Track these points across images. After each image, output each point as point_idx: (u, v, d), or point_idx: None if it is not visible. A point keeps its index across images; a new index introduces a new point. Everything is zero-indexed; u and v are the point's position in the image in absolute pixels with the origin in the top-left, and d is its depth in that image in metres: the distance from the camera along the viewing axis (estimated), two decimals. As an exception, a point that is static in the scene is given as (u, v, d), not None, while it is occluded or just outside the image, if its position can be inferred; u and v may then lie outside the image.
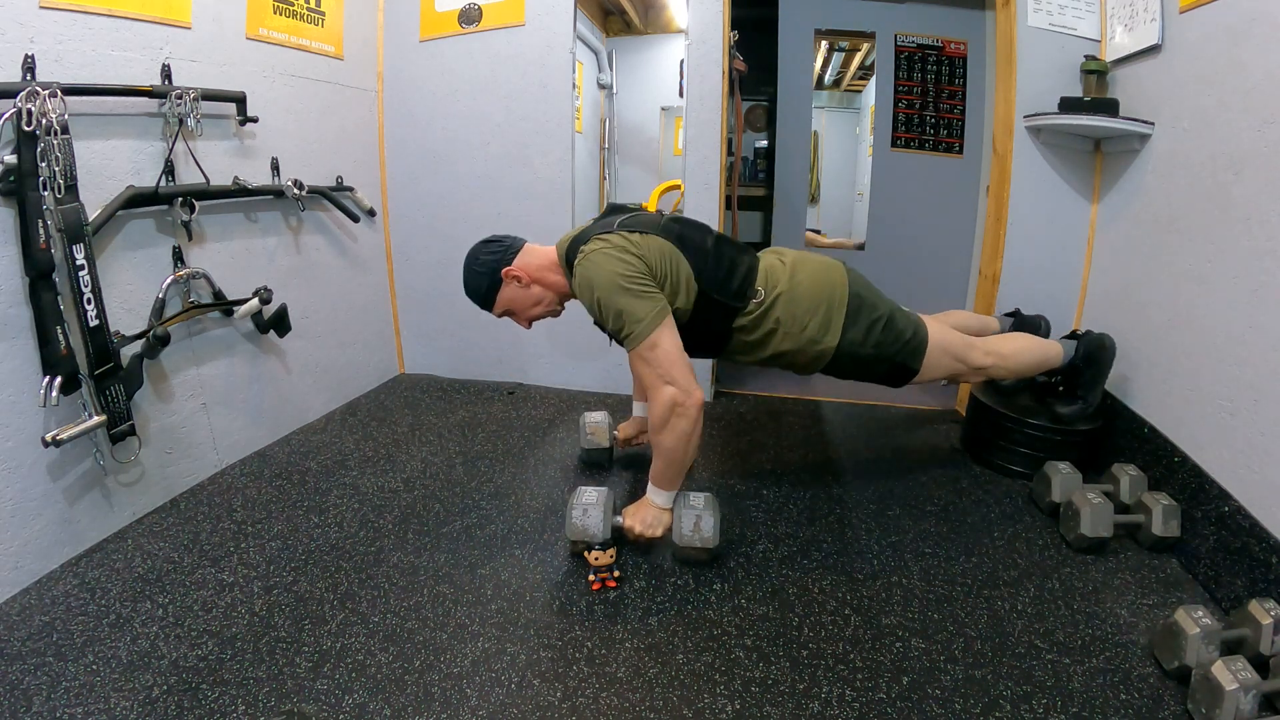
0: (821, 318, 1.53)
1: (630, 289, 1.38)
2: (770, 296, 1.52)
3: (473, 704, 1.13)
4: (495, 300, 1.58)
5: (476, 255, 1.58)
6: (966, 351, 1.69)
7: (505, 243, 1.59)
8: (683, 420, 1.39)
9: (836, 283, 1.57)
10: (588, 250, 1.43)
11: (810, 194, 3.87)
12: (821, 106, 3.85)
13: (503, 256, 1.55)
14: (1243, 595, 1.30)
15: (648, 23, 3.08)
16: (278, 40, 2.05)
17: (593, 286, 1.40)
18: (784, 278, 1.54)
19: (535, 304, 1.59)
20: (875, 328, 1.56)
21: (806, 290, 1.54)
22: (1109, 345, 1.81)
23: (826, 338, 1.54)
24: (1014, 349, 1.79)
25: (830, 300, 1.54)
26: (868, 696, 1.15)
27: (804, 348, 1.55)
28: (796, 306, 1.53)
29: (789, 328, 1.53)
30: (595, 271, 1.39)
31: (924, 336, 1.62)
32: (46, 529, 1.46)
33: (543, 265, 1.57)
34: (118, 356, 1.52)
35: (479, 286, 1.58)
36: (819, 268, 1.59)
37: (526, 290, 1.57)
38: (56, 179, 1.34)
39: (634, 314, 1.37)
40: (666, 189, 3.01)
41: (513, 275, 1.55)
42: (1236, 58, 1.47)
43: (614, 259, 1.40)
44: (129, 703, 1.11)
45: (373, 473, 1.96)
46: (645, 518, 1.50)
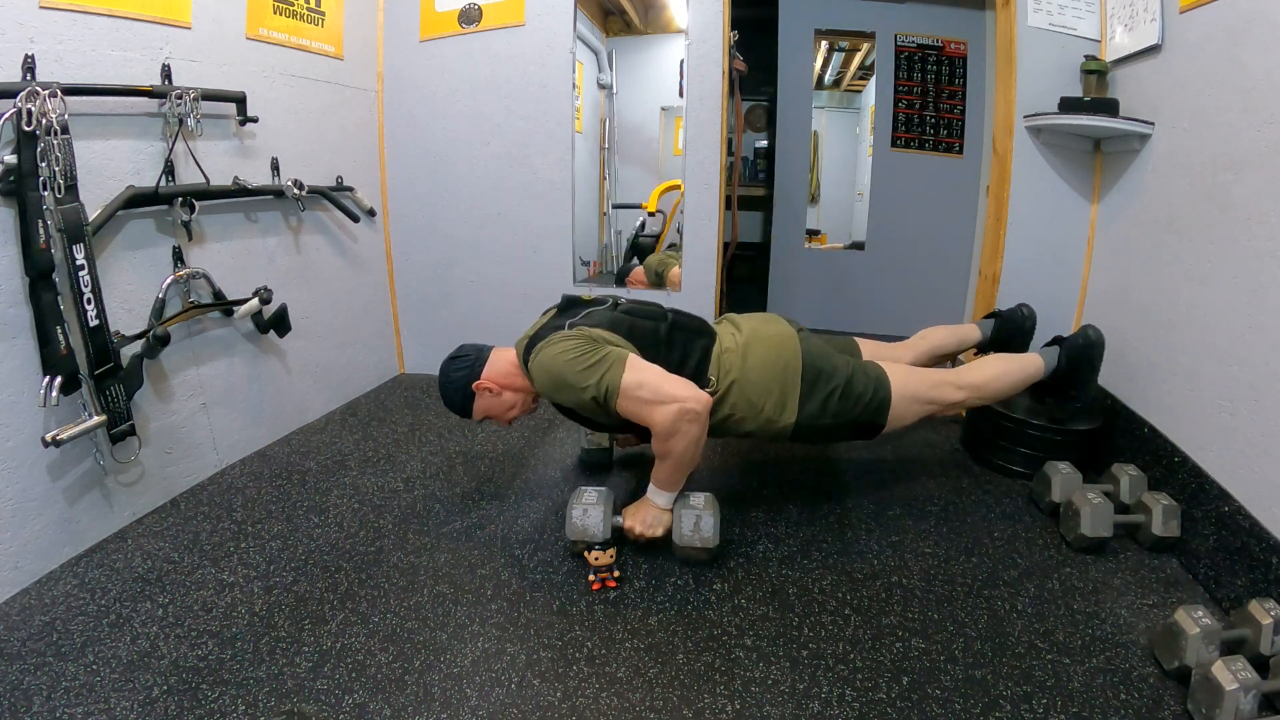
0: (776, 398, 1.54)
1: (582, 356, 1.41)
2: (723, 385, 1.53)
3: (473, 704, 1.13)
4: (472, 410, 1.64)
5: (448, 374, 1.63)
6: (936, 392, 1.66)
7: (471, 356, 1.63)
8: (694, 426, 1.39)
9: (790, 360, 1.56)
10: (537, 350, 1.47)
11: (810, 194, 3.87)
12: (821, 106, 3.85)
13: (471, 371, 1.60)
14: (1243, 595, 1.30)
15: (648, 23, 3.08)
16: (278, 40, 2.05)
17: (553, 379, 1.44)
18: (737, 363, 1.54)
19: (510, 408, 1.63)
20: (832, 397, 1.55)
21: (759, 374, 1.54)
22: (1095, 339, 1.77)
23: (784, 416, 1.54)
24: (988, 376, 1.72)
25: (784, 380, 1.54)
26: (868, 696, 1.15)
27: (763, 427, 1.56)
28: (751, 391, 1.53)
29: (745, 412, 1.54)
30: (549, 365, 1.44)
31: (885, 393, 1.59)
32: (46, 529, 1.46)
33: (509, 372, 1.61)
34: (118, 356, 1.52)
35: (455, 401, 1.64)
36: (771, 346, 1.58)
37: (499, 398, 1.61)
38: (56, 179, 1.34)
39: (597, 374, 1.39)
40: (666, 189, 3.01)
41: (484, 388, 1.60)
42: (1236, 58, 1.47)
43: (559, 348, 1.43)
44: (129, 703, 1.11)
45: (373, 473, 1.96)
46: (645, 518, 1.51)
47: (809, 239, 3.76)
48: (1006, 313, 2.03)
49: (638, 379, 1.39)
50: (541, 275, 2.60)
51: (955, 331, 2.02)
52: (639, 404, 1.39)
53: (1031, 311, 1.99)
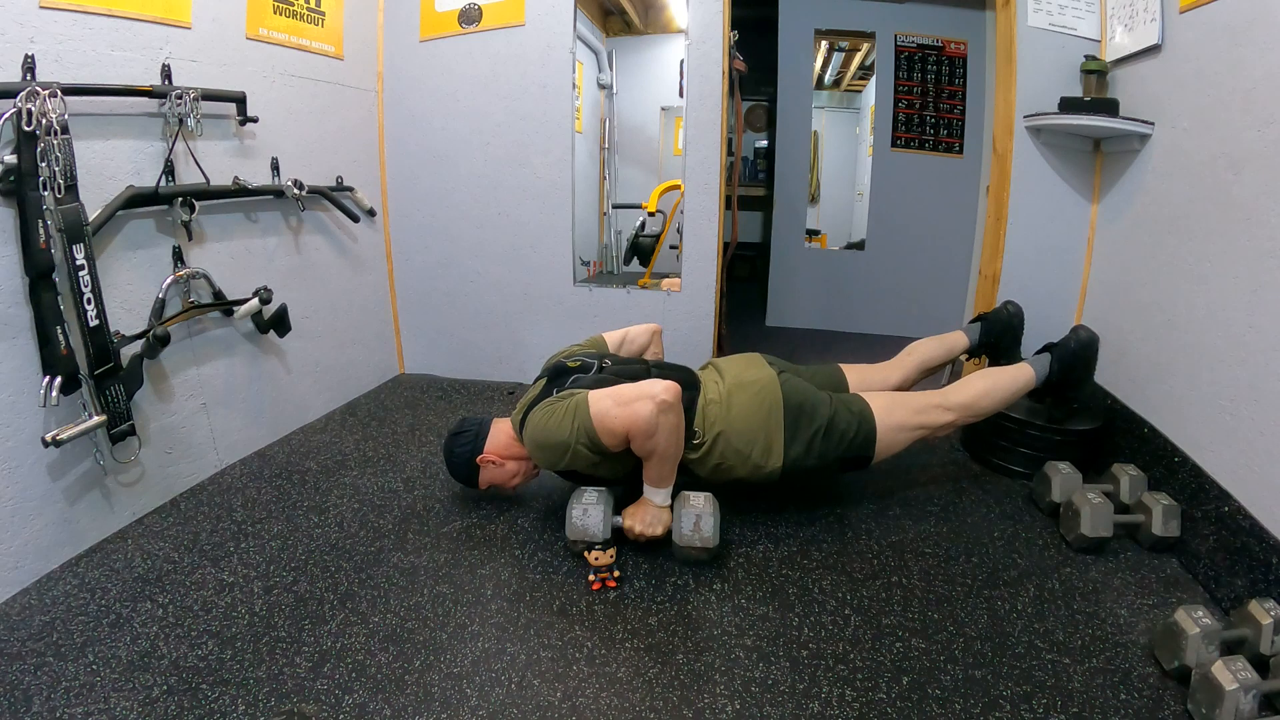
0: (762, 445, 1.56)
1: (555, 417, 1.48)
2: (709, 438, 1.56)
3: (473, 704, 1.13)
4: (479, 482, 1.70)
5: (452, 450, 1.70)
6: (923, 417, 1.66)
7: (473, 431, 1.69)
8: (670, 414, 1.41)
9: (772, 406, 1.58)
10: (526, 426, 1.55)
11: (810, 194, 3.87)
12: (821, 106, 3.85)
13: (474, 446, 1.67)
14: (1243, 595, 1.30)
15: (648, 23, 3.08)
16: (278, 40, 2.05)
17: (543, 447, 1.51)
18: (721, 415, 1.57)
19: (513, 476, 1.69)
20: (816, 438, 1.57)
21: (744, 423, 1.57)
22: (1086, 340, 1.75)
23: (770, 461, 1.57)
24: (977, 393, 1.72)
25: (767, 426, 1.57)
26: (868, 696, 1.15)
27: (752, 473, 1.59)
28: (737, 440, 1.56)
29: (733, 460, 1.58)
30: (536, 440, 1.52)
31: (870, 427, 1.60)
32: (46, 529, 1.46)
33: (508, 444, 1.67)
34: (118, 356, 1.52)
35: (461, 474, 1.72)
36: (753, 394, 1.60)
37: (502, 469, 1.68)
38: (56, 179, 1.34)
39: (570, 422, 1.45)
40: (666, 189, 3.01)
41: (487, 461, 1.66)
42: (1236, 58, 1.47)
43: (536, 420, 1.52)
44: (129, 703, 1.11)
45: (373, 473, 1.96)
46: (645, 517, 1.51)
47: (809, 239, 3.77)
48: (992, 313, 2.01)
49: (601, 404, 1.44)
50: (541, 275, 2.60)
51: (943, 341, 2.00)
52: (614, 420, 1.42)
53: (1018, 308, 1.97)
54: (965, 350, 2.02)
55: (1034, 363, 1.79)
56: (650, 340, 1.97)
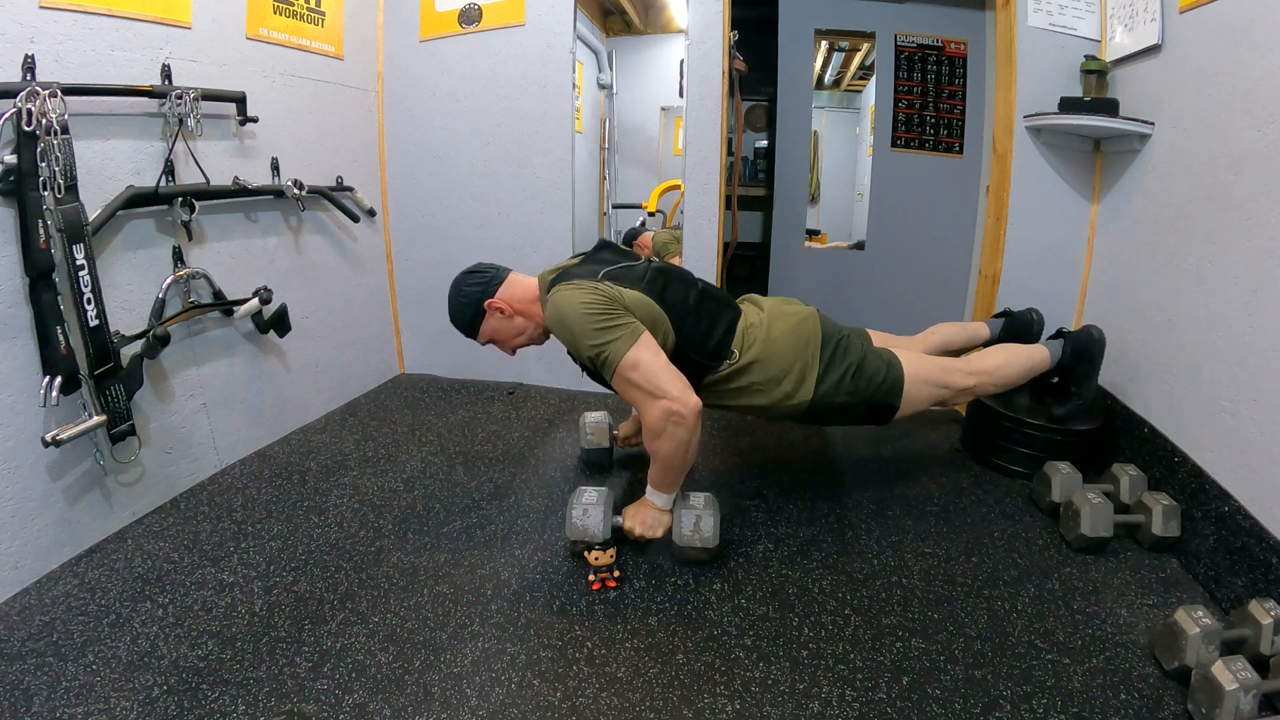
0: (795, 375, 1.54)
1: (598, 315, 1.37)
2: (744, 360, 1.53)
3: (473, 704, 1.13)
4: (479, 330, 1.60)
5: (460, 287, 1.59)
6: (947, 377, 1.67)
7: (489, 274, 1.59)
8: (680, 429, 1.37)
9: (810, 338, 1.57)
10: (563, 288, 1.43)
11: (810, 194, 3.87)
12: (821, 106, 3.85)
13: (486, 288, 1.57)
14: (1243, 595, 1.30)
15: (648, 23, 3.08)
16: (278, 40, 2.05)
17: (562, 320, 1.41)
18: (760, 337, 1.55)
19: (518, 334, 1.60)
20: (847, 376, 1.56)
21: (781, 350, 1.54)
22: (1097, 338, 1.80)
23: (799, 393, 1.55)
24: (998, 363, 1.76)
25: (804, 356, 1.55)
26: (868, 696, 1.15)
27: (777, 403, 1.56)
28: (771, 368, 1.53)
29: (762, 386, 1.54)
30: (564, 306, 1.40)
31: (898, 374, 1.60)
32: (46, 529, 1.46)
33: (525, 297, 1.58)
34: (118, 356, 1.52)
35: (463, 316, 1.60)
36: (794, 324, 1.58)
37: (510, 321, 1.58)
38: (56, 179, 1.34)
39: (605, 339, 1.36)
40: (666, 189, 3.02)
41: (496, 307, 1.56)
42: (1236, 58, 1.47)
43: (582, 294, 1.40)
44: (129, 703, 1.11)
45: (373, 473, 1.96)
46: (645, 519, 1.50)
47: (809, 239, 3.76)
48: (1018, 314, 2.04)
49: (636, 358, 1.35)
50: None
51: (965, 328, 2.05)
52: (630, 386, 1.37)
53: (1041, 317, 2.01)
54: (984, 342, 2.04)
55: (1048, 345, 1.84)
56: None
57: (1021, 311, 2.04)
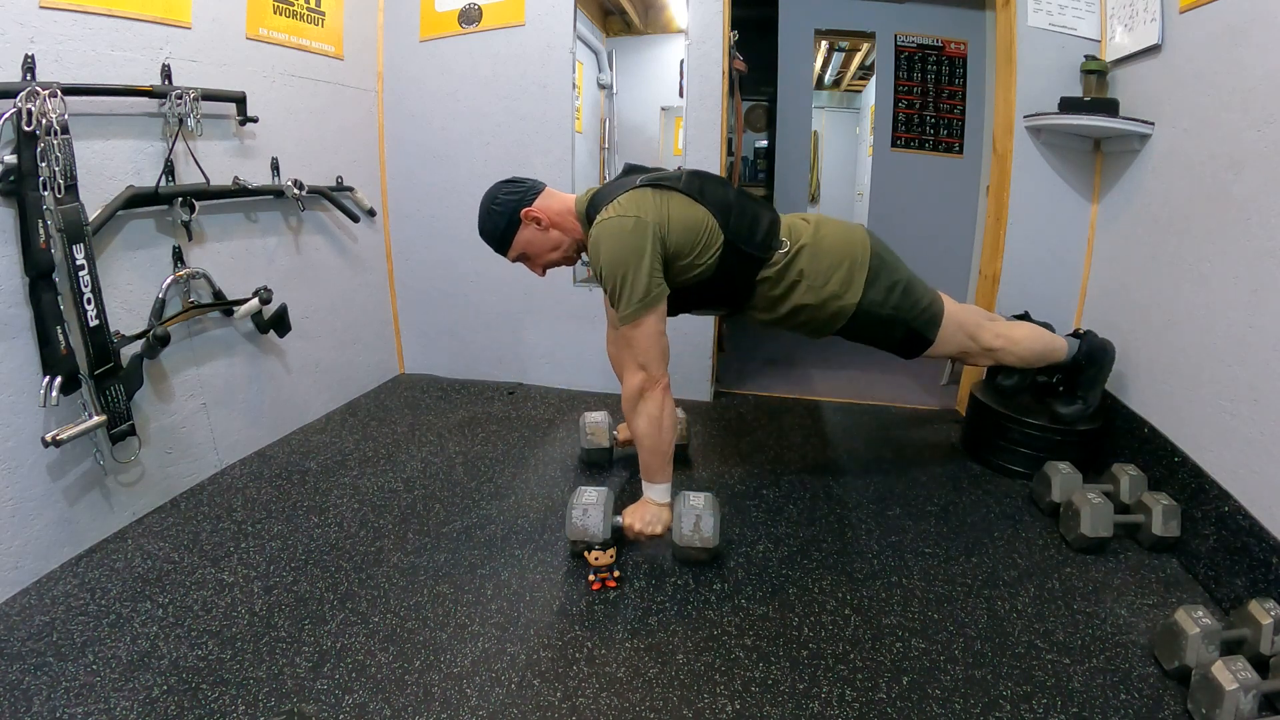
0: (844, 273, 1.54)
1: (638, 265, 1.37)
2: (795, 248, 1.52)
3: (473, 704, 1.13)
4: (512, 242, 1.52)
5: (495, 195, 1.51)
6: (979, 330, 1.72)
7: (526, 184, 1.53)
8: (649, 403, 1.44)
9: (858, 242, 1.58)
10: (610, 213, 1.39)
11: (810, 194, 3.87)
12: (821, 106, 3.86)
13: (524, 197, 1.50)
14: (1243, 595, 1.30)
15: (648, 23, 3.08)
16: (278, 40, 2.05)
17: (602, 252, 1.39)
18: (808, 232, 1.55)
19: (553, 249, 1.54)
20: (895, 290, 1.57)
21: (830, 245, 1.55)
22: (1110, 349, 1.84)
23: (848, 294, 1.54)
24: (1023, 335, 1.81)
25: (853, 258, 1.55)
26: (868, 696, 1.15)
27: (825, 302, 1.54)
28: (820, 260, 1.53)
29: (812, 280, 1.53)
30: (610, 240, 1.38)
31: (940, 308, 1.65)
32: (46, 529, 1.46)
33: (563, 211, 1.53)
34: (118, 356, 1.52)
35: (496, 227, 1.51)
36: (841, 228, 1.61)
37: (545, 234, 1.52)
38: (56, 179, 1.34)
39: (634, 291, 1.37)
40: (666, 189, 3.00)
41: (533, 216, 1.49)
42: (1236, 58, 1.47)
43: (632, 234, 1.37)
44: (129, 703, 1.11)
45: (373, 473, 1.96)
46: (645, 516, 1.50)
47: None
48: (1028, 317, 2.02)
49: (644, 322, 1.39)
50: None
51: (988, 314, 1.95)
52: (626, 343, 1.43)
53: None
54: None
55: (1068, 340, 1.87)
56: None
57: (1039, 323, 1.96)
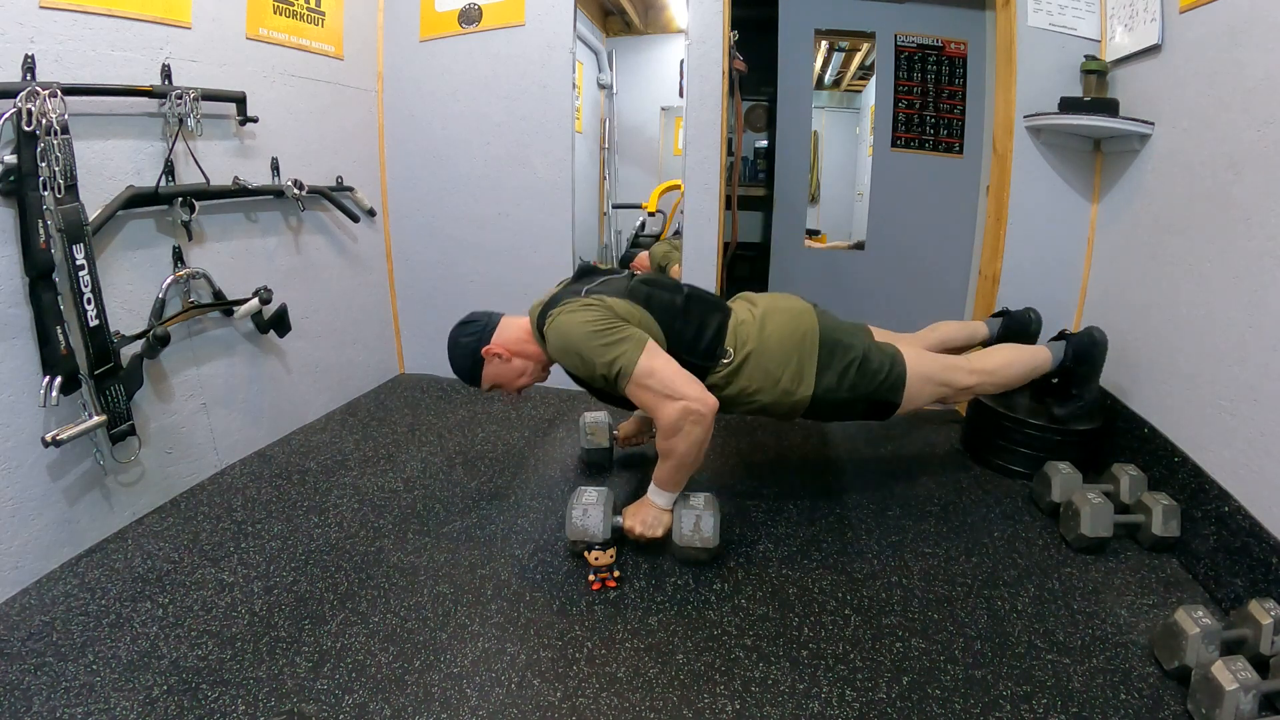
0: (794, 369, 1.54)
1: (602, 330, 1.39)
2: (740, 356, 1.53)
3: (473, 704, 1.13)
4: (481, 378, 1.62)
5: (456, 339, 1.61)
6: (949, 375, 1.67)
7: (481, 322, 1.61)
8: (697, 427, 1.38)
9: (807, 331, 1.57)
10: (554, 315, 1.45)
11: (810, 194, 3.87)
12: (821, 106, 3.85)
13: (480, 336, 1.58)
14: (1243, 595, 1.30)
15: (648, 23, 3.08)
16: (278, 40, 2.05)
17: (568, 344, 1.42)
18: (754, 334, 1.55)
19: (519, 375, 1.61)
20: (849, 371, 1.56)
21: (777, 344, 1.54)
22: (1099, 340, 1.80)
23: (801, 388, 1.54)
24: (1000, 363, 1.76)
25: (801, 351, 1.55)
26: (868, 696, 1.15)
27: (779, 400, 1.56)
28: (769, 362, 1.53)
29: (761, 383, 1.54)
30: (567, 331, 1.42)
31: (901, 370, 1.60)
32: (46, 529, 1.46)
33: (520, 338, 1.60)
34: (118, 356, 1.52)
35: (463, 368, 1.62)
36: (788, 318, 1.59)
37: (508, 365, 1.59)
38: (56, 179, 1.34)
39: (615, 353, 1.38)
40: (666, 189, 3.02)
41: (493, 353, 1.57)
42: (1236, 58, 1.47)
43: (580, 312, 1.42)
44: (129, 703, 1.11)
45: (373, 473, 1.96)
46: (645, 518, 1.50)
47: (809, 239, 3.76)
48: (1016, 313, 2.04)
49: (650, 366, 1.37)
50: (541, 275, 2.59)
51: (965, 327, 2.06)
52: (646, 392, 1.38)
53: (1039, 316, 2.01)
54: (983, 341, 2.04)
55: (1050, 347, 1.84)
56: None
57: (1019, 311, 2.04)
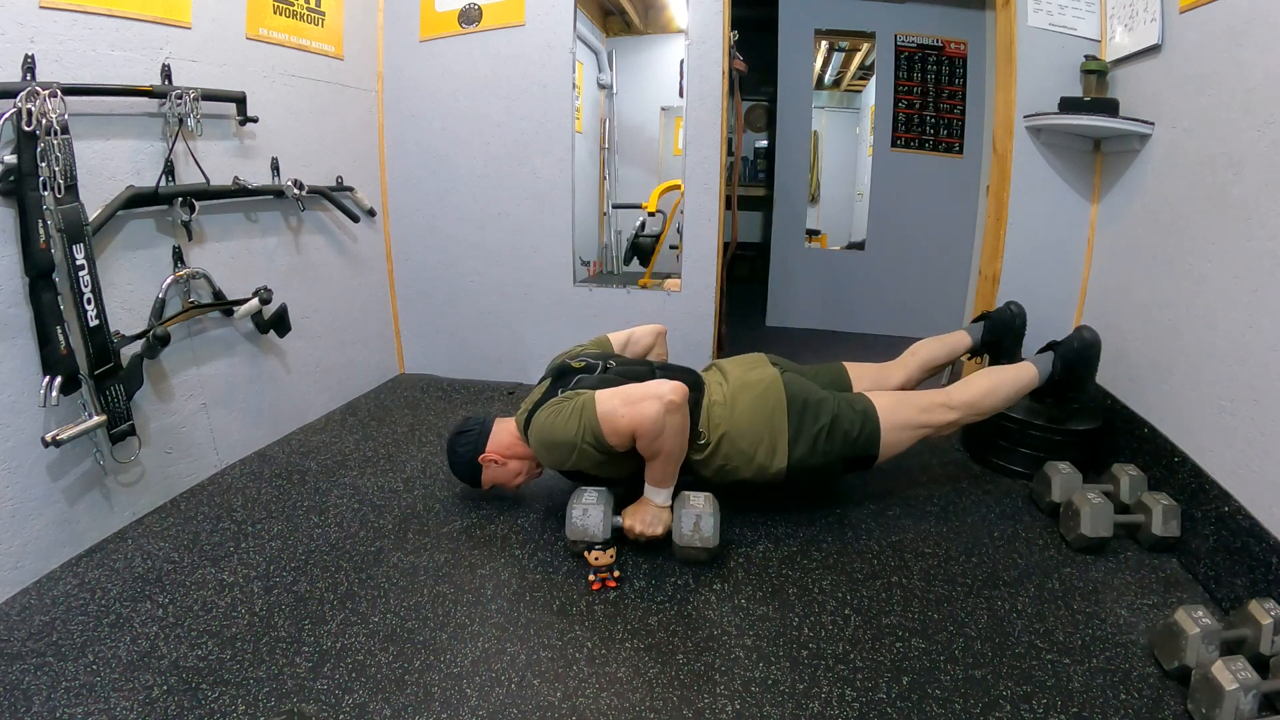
0: (767, 445, 1.57)
1: (562, 416, 1.49)
2: (714, 438, 1.58)
3: (473, 704, 1.13)
4: (481, 482, 1.71)
5: (454, 449, 1.71)
6: (927, 416, 1.66)
7: (475, 430, 1.69)
8: (676, 415, 1.42)
9: (775, 407, 1.59)
10: (531, 428, 1.56)
11: (810, 194, 3.87)
12: (821, 106, 3.85)
13: (476, 445, 1.67)
14: (1243, 595, 1.30)
15: (648, 23, 3.08)
16: (278, 40, 2.05)
17: (548, 445, 1.52)
18: (725, 415, 1.59)
19: (516, 475, 1.70)
20: (820, 437, 1.58)
21: (748, 424, 1.58)
22: (1090, 339, 1.75)
23: (775, 461, 1.58)
24: (981, 392, 1.72)
25: (772, 427, 1.58)
26: (868, 696, 1.15)
27: (758, 474, 1.60)
28: (742, 441, 1.58)
29: (738, 461, 1.59)
30: (541, 439, 1.53)
31: (874, 425, 1.61)
32: (46, 529, 1.46)
33: (511, 443, 1.68)
34: (118, 356, 1.52)
35: (464, 475, 1.73)
36: (756, 395, 1.61)
37: (504, 468, 1.68)
38: (56, 179, 1.34)
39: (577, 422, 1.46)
40: (666, 189, 3.01)
41: (489, 460, 1.66)
42: (1236, 58, 1.47)
43: (542, 419, 1.53)
44: (129, 703, 1.11)
45: (373, 473, 1.96)
46: (645, 517, 1.51)
47: (809, 239, 3.77)
48: (995, 313, 2.01)
49: (608, 404, 1.45)
50: (541, 275, 2.60)
51: (945, 342, 2.00)
52: (620, 420, 1.42)
53: (1020, 309, 1.97)
54: (968, 350, 2.02)
55: (1037, 361, 1.79)
56: (655, 341, 1.97)
57: (999, 309, 2.00)
